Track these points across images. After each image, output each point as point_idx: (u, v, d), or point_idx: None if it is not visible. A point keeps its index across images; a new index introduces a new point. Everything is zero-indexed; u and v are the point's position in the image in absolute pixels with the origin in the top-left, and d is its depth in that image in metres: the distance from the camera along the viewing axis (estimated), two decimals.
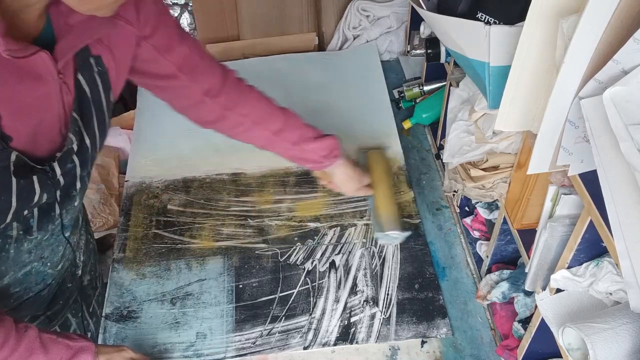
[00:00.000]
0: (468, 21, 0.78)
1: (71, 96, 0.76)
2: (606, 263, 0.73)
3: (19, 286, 0.88)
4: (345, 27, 1.67)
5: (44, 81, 0.70)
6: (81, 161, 0.81)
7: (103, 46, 0.79)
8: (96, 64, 0.79)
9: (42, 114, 0.73)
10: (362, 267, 1.15)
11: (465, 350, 1.05)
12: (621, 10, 0.55)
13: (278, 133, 1.06)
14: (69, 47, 0.72)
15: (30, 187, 0.73)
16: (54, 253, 0.90)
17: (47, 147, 0.76)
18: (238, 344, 1.05)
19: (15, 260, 0.83)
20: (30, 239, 0.82)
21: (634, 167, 0.52)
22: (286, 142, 1.08)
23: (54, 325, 1.02)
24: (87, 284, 1.09)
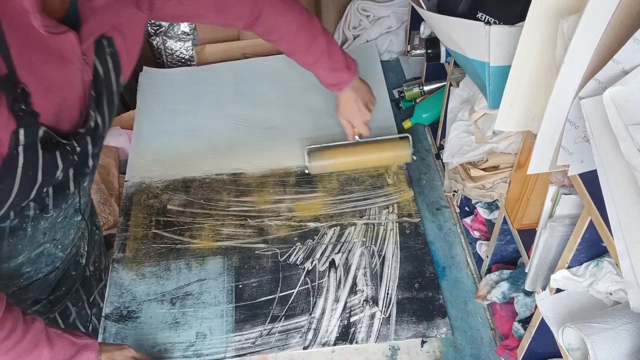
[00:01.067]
0: (468, 21, 0.78)
1: (91, 76, 0.79)
2: (606, 263, 0.73)
3: (31, 266, 0.91)
4: (345, 27, 1.67)
5: (68, 61, 0.72)
6: (92, 139, 0.84)
7: (115, 29, 0.81)
8: (108, 46, 0.81)
9: (65, 93, 0.75)
10: (361, 267, 1.15)
11: (465, 350, 1.05)
12: (621, 10, 0.55)
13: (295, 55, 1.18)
14: (93, 29, 0.74)
15: (54, 162, 0.76)
16: (65, 235, 0.94)
17: (68, 124, 0.78)
18: (238, 344, 1.05)
19: (31, 240, 0.86)
20: (46, 217, 0.85)
21: (634, 167, 0.52)
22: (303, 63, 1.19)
23: (55, 311, 1.04)
24: (89, 274, 1.11)
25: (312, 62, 1.17)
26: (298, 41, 1.13)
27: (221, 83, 1.57)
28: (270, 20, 1.08)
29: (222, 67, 1.62)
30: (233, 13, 1.04)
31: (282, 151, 1.38)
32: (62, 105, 0.75)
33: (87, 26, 0.73)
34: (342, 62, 1.19)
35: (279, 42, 1.14)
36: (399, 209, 1.25)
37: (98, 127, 0.84)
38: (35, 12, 0.63)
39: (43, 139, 0.73)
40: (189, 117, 1.48)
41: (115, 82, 0.85)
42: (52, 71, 0.71)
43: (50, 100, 0.73)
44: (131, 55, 0.87)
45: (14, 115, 0.68)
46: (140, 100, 1.53)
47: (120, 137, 1.59)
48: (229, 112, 1.49)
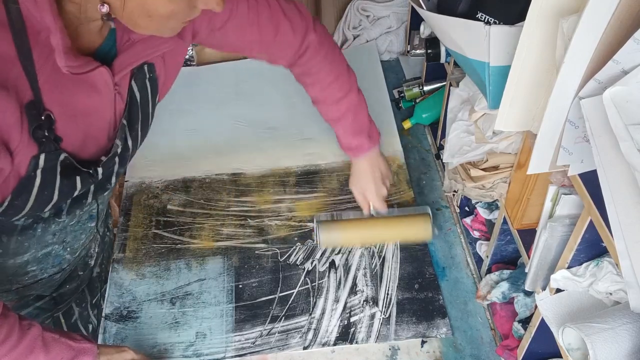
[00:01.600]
0: (468, 21, 0.78)
1: (123, 104, 0.80)
2: (606, 263, 0.73)
3: (36, 265, 0.91)
4: (345, 27, 1.67)
5: (99, 91, 0.74)
6: (121, 160, 0.85)
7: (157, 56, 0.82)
8: (149, 71, 0.82)
9: (93, 120, 0.76)
10: (361, 267, 1.15)
11: (465, 350, 1.05)
12: (621, 10, 0.55)
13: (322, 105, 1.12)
14: (128, 62, 0.75)
15: (72, 184, 0.77)
16: (75, 239, 0.94)
17: (94, 150, 0.80)
18: (238, 344, 1.05)
19: (39, 240, 0.87)
20: (58, 221, 0.86)
21: (634, 167, 0.52)
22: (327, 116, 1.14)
23: (59, 310, 1.04)
24: (96, 275, 1.11)
25: (336, 117, 1.12)
26: (330, 91, 1.08)
27: (221, 83, 1.57)
28: (311, 62, 1.04)
29: (222, 67, 1.62)
30: (278, 52, 1.01)
31: (282, 151, 1.38)
32: (88, 132, 0.76)
33: (122, 59, 0.74)
34: (366, 128, 1.14)
35: (311, 87, 1.10)
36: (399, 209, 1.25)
37: (127, 150, 0.85)
38: (60, 52, 0.64)
39: (63, 164, 0.74)
40: (189, 117, 1.48)
41: (151, 104, 0.86)
42: (80, 100, 0.72)
43: (76, 127, 0.74)
44: (170, 78, 0.88)
45: (36, 141, 0.69)
46: None
47: None
48: (229, 112, 1.49)
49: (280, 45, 0.99)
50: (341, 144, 1.16)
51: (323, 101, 1.11)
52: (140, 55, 0.77)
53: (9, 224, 0.81)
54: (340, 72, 1.08)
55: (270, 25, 0.95)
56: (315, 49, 1.03)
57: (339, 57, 1.08)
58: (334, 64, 1.07)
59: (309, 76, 1.07)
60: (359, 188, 1.18)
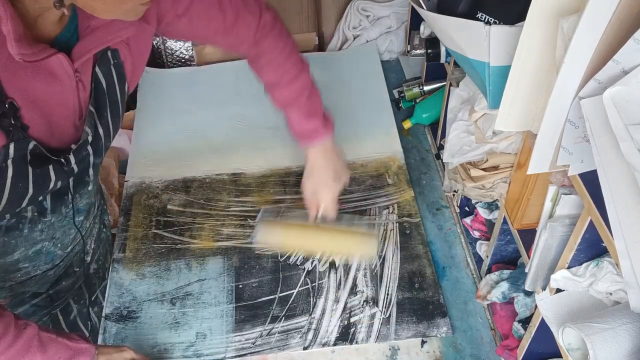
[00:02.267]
0: (468, 21, 0.78)
1: (87, 92, 0.79)
2: (606, 263, 0.73)
3: (28, 263, 0.91)
4: (345, 27, 1.67)
5: (58, 78, 0.73)
6: (94, 150, 0.84)
7: (120, 41, 0.81)
8: (113, 57, 0.81)
9: (55, 107, 0.75)
10: (361, 267, 1.15)
11: (465, 350, 1.05)
12: (621, 10, 0.55)
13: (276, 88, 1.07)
14: (88, 49, 0.74)
15: (45, 175, 0.76)
16: (65, 235, 0.94)
17: (62, 138, 0.79)
18: (238, 344, 1.05)
19: (27, 238, 0.87)
20: (44, 220, 0.86)
21: (634, 167, 0.52)
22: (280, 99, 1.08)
23: (57, 307, 1.03)
24: (93, 272, 1.11)
25: (289, 99, 1.06)
26: (284, 69, 1.05)
27: (221, 83, 1.57)
28: (265, 41, 1.03)
29: (222, 67, 1.62)
30: (239, 37, 1.00)
31: (282, 151, 1.38)
32: (52, 120, 0.75)
33: (81, 45, 0.73)
34: (320, 111, 1.08)
35: (266, 67, 1.06)
36: (399, 209, 1.25)
37: (100, 139, 0.84)
38: (11, 40, 0.63)
39: (33, 153, 0.73)
40: (189, 117, 1.48)
41: (119, 91, 0.85)
42: (39, 87, 0.71)
43: (40, 114, 0.73)
44: (137, 65, 0.87)
45: (3, 130, 0.69)
46: (140, 100, 1.53)
47: (120, 137, 1.58)
48: (229, 112, 1.49)
49: (241, 28, 0.98)
50: (294, 131, 1.09)
51: (277, 82, 1.06)
52: (101, 41, 0.75)
53: None
54: (292, 50, 1.06)
55: (231, 9, 0.95)
56: (269, 28, 1.02)
57: (290, 37, 1.07)
58: (286, 42, 1.05)
59: (263, 56, 1.04)
60: (311, 185, 1.11)
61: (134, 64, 0.86)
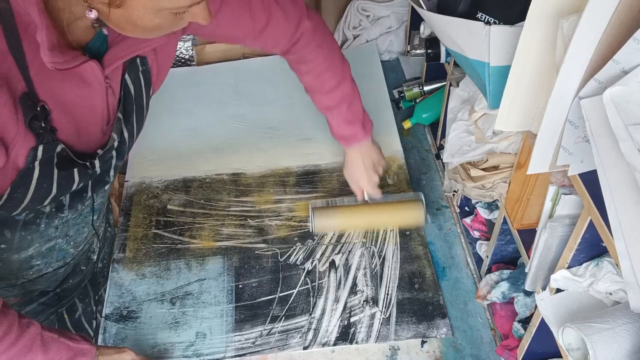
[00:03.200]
0: (468, 21, 0.78)
1: (116, 98, 0.81)
2: (606, 263, 0.73)
3: (41, 259, 0.92)
4: (345, 27, 1.67)
5: (89, 84, 0.74)
6: (118, 154, 0.86)
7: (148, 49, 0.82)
8: (141, 64, 0.83)
9: (84, 112, 0.77)
10: (362, 267, 1.15)
11: (465, 350, 1.05)
12: (621, 10, 0.55)
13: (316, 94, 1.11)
14: (118, 56, 0.76)
15: (70, 177, 0.78)
16: (78, 233, 0.95)
17: (89, 143, 0.80)
18: (238, 344, 1.05)
19: (43, 234, 0.88)
20: (61, 216, 0.87)
21: (634, 167, 0.52)
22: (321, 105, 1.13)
23: (63, 306, 1.04)
24: (98, 270, 1.11)
25: (330, 106, 1.11)
26: (324, 79, 1.08)
27: (221, 83, 1.57)
28: (305, 49, 1.04)
29: (222, 67, 1.62)
30: (272, 39, 1.01)
31: (282, 151, 1.38)
32: (80, 124, 0.77)
33: (112, 53, 0.75)
34: (360, 117, 1.13)
35: (305, 75, 1.09)
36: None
37: (124, 142, 0.86)
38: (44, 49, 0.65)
39: (60, 156, 0.74)
40: (189, 117, 1.48)
41: (145, 96, 0.87)
42: (70, 93, 0.73)
43: (69, 119, 0.75)
44: (162, 69, 0.89)
45: (33, 132, 0.70)
46: None
47: None
48: (229, 112, 1.49)
49: (273, 33, 0.99)
50: (334, 133, 1.16)
51: (317, 90, 1.10)
52: (131, 49, 0.77)
53: (11, 219, 0.81)
54: (335, 60, 1.08)
55: (263, 13, 0.95)
56: (310, 37, 1.03)
57: (334, 46, 1.08)
58: (328, 52, 1.07)
59: (303, 64, 1.07)
60: (351, 177, 1.19)
61: (159, 69, 0.88)
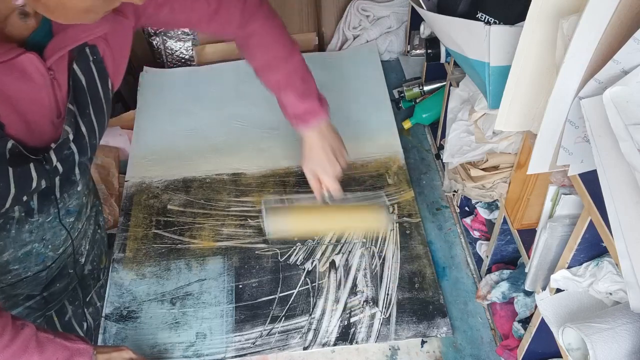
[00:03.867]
0: (468, 21, 0.78)
1: (64, 90, 0.78)
2: (606, 263, 0.73)
3: (18, 264, 0.90)
4: (345, 27, 1.67)
5: (30, 77, 0.72)
6: (79, 148, 0.83)
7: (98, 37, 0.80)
8: (91, 53, 0.80)
9: (31, 106, 0.74)
10: (362, 267, 1.15)
11: (465, 350, 1.05)
12: (621, 10, 0.55)
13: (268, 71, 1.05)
14: (60, 46, 0.73)
15: (27, 174, 0.75)
16: (55, 236, 0.92)
17: (41, 137, 0.78)
18: (238, 344, 1.05)
19: (15, 239, 0.85)
20: (31, 221, 0.85)
21: (634, 167, 0.52)
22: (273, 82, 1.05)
23: (51, 308, 1.03)
24: (87, 273, 1.10)
25: (282, 81, 1.03)
26: (274, 51, 1.02)
27: (221, 83, 1.57)
28: (254, 24, 1.01)
29: (222, 67, 1.62)
30: (224, 21, 0.98)
31: (282, 151, 1.38)
32: (29, 118, 0.75)
33: (53, 44, 0.73)
34: (315, 92, 1.05)
35: (255, 50, 1.03)
36: (400, 209, 1.25)
37: (83, 137, 0.83)
38: None
39: (12, 152, 0.72)
40: (189, 117, 1.48)
41: (102, 88, 0.84)
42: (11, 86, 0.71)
43: (15, 113, 0.73)
44: (118, 60, 0.86)
45: None
46: (140, 100, 1.53)
47: (120, 137, 1.58)
48: (229, 112, 1.49)
49: (225, 11, 0.97)
50: (289, 114, 1.06)
51: (268, 64, 1.03)
52: (73, 38, 0.74)
53: None
54: (282, 31, 1.04)
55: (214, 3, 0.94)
56: (255, 9, 1.00)
57: (277, 18, 1.05)
58: (274, 23, 1.03)
59: (251, 38, 1.02)
60: (311, 167, 1.09)
61: (115, 59, 0.85)
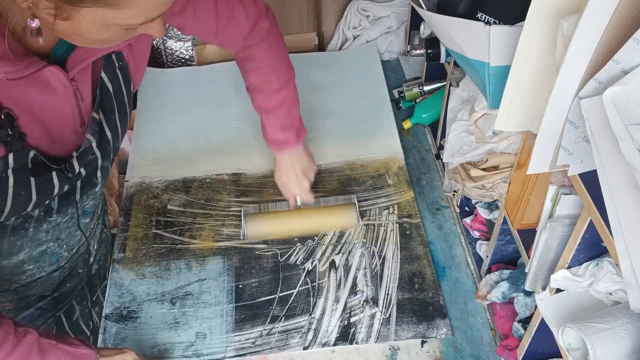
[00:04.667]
0: (468, 21, 0.78)
1: (88, 99, 0.78)
2: (606, 263, 0.73)
3: (33, 264, 0.91)
4: (345, 27, 1.67)
5: (53, 89, 0.72)
6: (102, 153, 0.84)
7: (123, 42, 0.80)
8: (117, 60, 0.81)
9: (52, 116, 0.75)
10: (362, 267, 1.15)
11: (465, 350, 1.05)
12: (621, 10, 0.55)
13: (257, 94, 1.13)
14: (83, 58, 0.74)
15: (49, 182, 0.76)
16: (70, 236, 0.93)
17: (63, 146, 0.79)
18: (238, 344, 1.05)
19: (32, 238, 0.86)
20: (50, 220, 0.86)
21: (634, 167, 0.52)
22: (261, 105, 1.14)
23: (60, 309, 1.04)
24: (95, 272, 1.11)
25: (269, 109, 1.13)
26: (269, 80, 1.09)
27: (221, 83, 1.57)
28: (257, 48, 1.05)
29: (222, 67, 1.62)
30: (231, 37, 1.02)
31: None
32: (51, 128, 0.75)
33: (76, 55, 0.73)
34: (295, 125, 1.16)
35: (251, 73, 1.10)
36: (400, 209, 1.25)
37: (108, 142, 0.84)
38: None
39: (34, 162, 0.73)
40: (189, 117, 1.48)
41: (126, 92, 0.85)
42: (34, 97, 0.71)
43: (37, 123, 0.73)
44: (139, 64, 0.88)
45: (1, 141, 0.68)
46: (140, 100, 1.53)
47: None
48: (229, 112, 1.49)
49: (232, 30, 1.00)
50: (267, 136, 1.18)
51: (260, 90, 1.11)
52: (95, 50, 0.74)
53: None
54: (283, 64, 1.09)
55: (226, 11, 0.96)
56: (264, 36, 1.04)
57: (284, 49, 1.09)
58: (278, 54, 1.08)
59: (252, 62, 1.08)
60: (282, 183, 1.21)
61: (137, 63, 0.86)
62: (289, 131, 1.15)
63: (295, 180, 1.19)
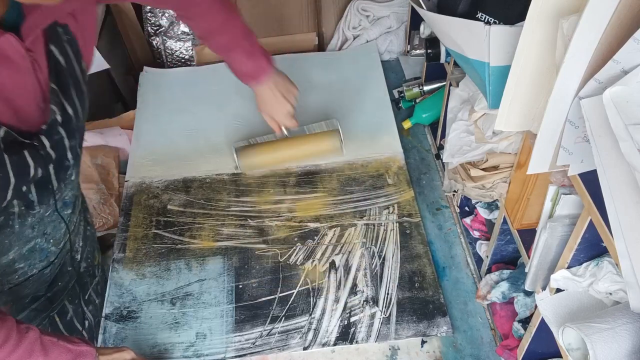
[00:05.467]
0: (468, 21, 0.78)
1: (45, 70, 0.77)
2: (606, 263, 0.73)
3: (24, 262, 0.90)
4: (345, 27, 1.67)
5: (11, 60, 0.71)
6: (67, 131, 0.82)
7: (67, 15, 0.80)
8: (64, 33, 0.80)
9: (16, 91, 0.74)
10: (362, 267, 1.15)
11: (465, 350, 1.05)
12: (621, 10, 0.55)
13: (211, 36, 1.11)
14: (35, 24, 0.72)
15: (23, 161, 0.75)
16: (55, 230, 0.92)
17: (30, 121, 0.77)
18: (238, 345, 1.05)
19: (19, 235, 0.85)
20: (32, 213, 0.85)
21: (634, 167, 0.52)
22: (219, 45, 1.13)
23: (54, 309, 1.03)
24: (83, 270, 1.10)
25: (227, 43, 1.11)
26: (213, 14, 1.07)
27: (221, 83, 1.57)
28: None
29: (222, 67, 1.61)
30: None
31: None
32: (16, 104, 0.74)
33: (28, 22, 0.72)
34: (260, 51, 1.13)
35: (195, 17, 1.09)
36: (400, 209, 1.25)
37: (70, 119, 0.83)
38: None
39: (5, 140, 0.72)
40: (189, 117, 1.48)
41: (78, 68, 0.84)
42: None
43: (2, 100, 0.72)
44: (88, 39, 0.86)
45: None
46: (140, 100, 1.53)
47: (120, 137, 1.58)
48: (229, 112, 1.49)
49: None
50: (239, 73, 1.16)
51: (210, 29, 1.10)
52: (47, 15, 0.74)
53: None
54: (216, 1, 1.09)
55: None
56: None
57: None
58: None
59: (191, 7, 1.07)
60: (265, 112, 1.22)
61: (84, 38, 0.84)
62: (255, 57, 1.13)
63: (277, 105, 1.18)
